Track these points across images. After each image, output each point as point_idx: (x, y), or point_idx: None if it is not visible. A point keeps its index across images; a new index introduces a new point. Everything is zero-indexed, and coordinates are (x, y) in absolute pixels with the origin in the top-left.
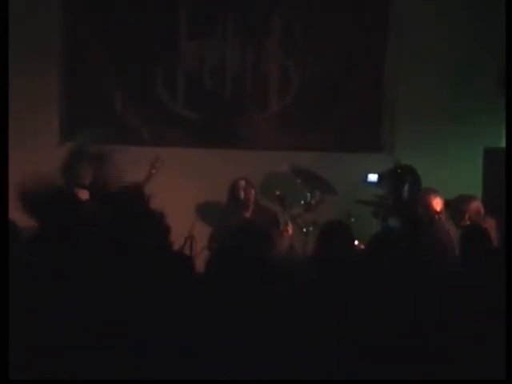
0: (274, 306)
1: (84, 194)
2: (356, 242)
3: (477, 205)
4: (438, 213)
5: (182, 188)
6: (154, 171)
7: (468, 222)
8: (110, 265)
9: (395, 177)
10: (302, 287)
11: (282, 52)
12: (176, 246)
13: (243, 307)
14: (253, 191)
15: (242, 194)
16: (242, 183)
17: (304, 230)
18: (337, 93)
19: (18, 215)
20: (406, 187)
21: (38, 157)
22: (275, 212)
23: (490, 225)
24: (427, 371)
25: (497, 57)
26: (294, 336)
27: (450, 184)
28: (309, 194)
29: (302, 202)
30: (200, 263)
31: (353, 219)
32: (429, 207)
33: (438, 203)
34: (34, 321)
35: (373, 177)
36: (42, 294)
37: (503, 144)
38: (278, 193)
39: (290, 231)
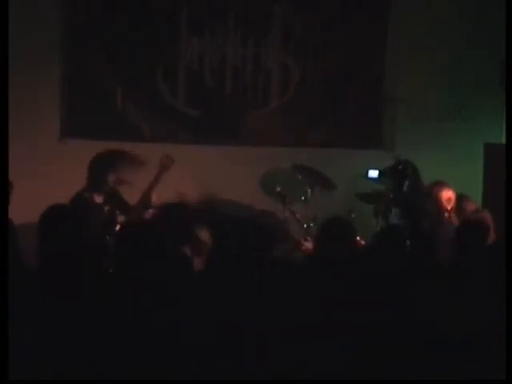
0: (274, 304)
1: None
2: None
3: (471, 205)
4: (448, 211)
5: (182, 184)
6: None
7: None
8: (108, 262)
9: (397, 173)
10: (302, 285)
11: (283, 49)
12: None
13: (243, 305)
14: None
15: None
16: None
17: (305, 225)
18: (337, 90)
19: (17, 215)
20: (407, 183)
21: (39, 154)
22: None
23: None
24: (427, 371)
25: (497, 53)
26: (295, 334)
27: (451, 180)
28: (309, 190)
29: (303, 198)
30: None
31: (353, 215)
32: (439, 203)
33: (448, 200)
34: (34, 321)
35: (373, 173)
36: (41, 293)
37: (503, 140)
38: (278, 189)
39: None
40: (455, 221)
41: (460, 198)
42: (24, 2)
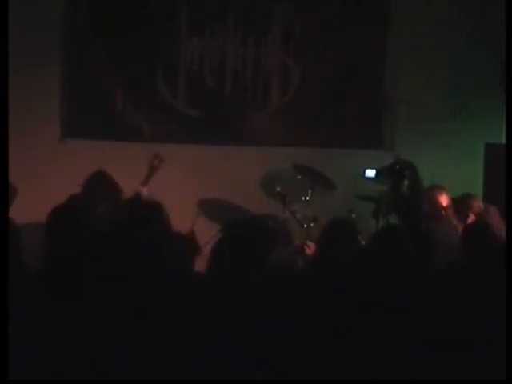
0: (274, 305)
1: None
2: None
3: (477, 204)
4: (444, 208)
5: (183, 185)
6: (154, 167)
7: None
8: (108, 263)
9: (394, 172)
10: (303, 286)
11: (283, 49)
12: None
13: (243, 307)
14: None
15: None
16: None
17: (305, 226)
18: (337, 90)
19: (18, 215)
20: (406, 183)
21: (39, 154)
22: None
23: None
24: (427, 371)
25: (497, 53)
26: (295, 335)
27: (451, 180)
28: (309, 191)
29: (303, 198)
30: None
31: (354, 215)
32: (435, 204)
33: (444, 200)
34: (34, 320)
35: (370, 172)
36: (41, 293)
37: (503, 140)
38: (278, 189)
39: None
40: (454, 219)
41: (466, 197)
42: (24, 2)
